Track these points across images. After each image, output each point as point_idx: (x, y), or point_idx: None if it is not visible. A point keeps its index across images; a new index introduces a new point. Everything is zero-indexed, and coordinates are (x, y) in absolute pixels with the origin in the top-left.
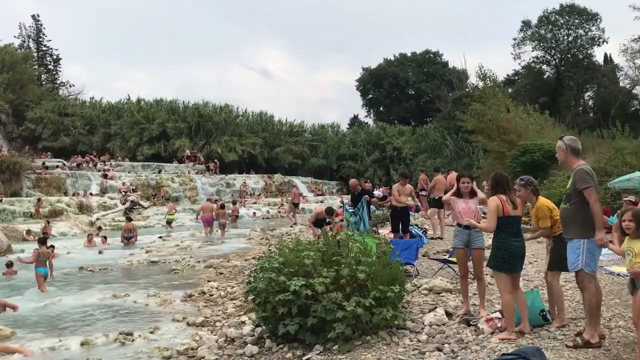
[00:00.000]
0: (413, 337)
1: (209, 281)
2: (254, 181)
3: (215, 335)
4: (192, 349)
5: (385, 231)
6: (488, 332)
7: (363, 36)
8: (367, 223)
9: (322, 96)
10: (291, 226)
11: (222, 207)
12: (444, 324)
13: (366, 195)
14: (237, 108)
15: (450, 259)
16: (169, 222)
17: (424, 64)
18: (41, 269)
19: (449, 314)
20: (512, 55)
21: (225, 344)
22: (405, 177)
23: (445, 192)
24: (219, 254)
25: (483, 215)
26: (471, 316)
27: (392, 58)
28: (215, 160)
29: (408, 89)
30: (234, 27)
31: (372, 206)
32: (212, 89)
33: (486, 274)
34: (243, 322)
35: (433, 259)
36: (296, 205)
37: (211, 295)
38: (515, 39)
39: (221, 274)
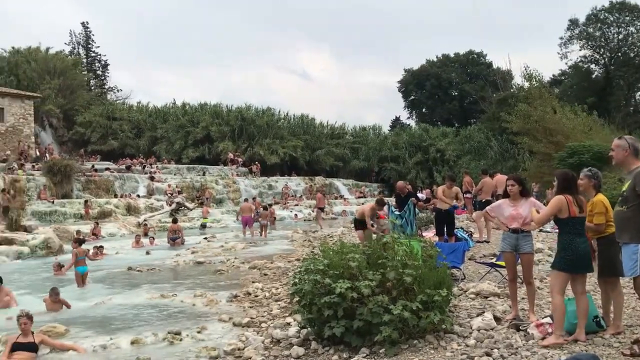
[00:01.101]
0: (461, 341)
1: (253, 282)
2: (296, 183)
3: (261, 336)
4: (238, 349)
5: (429, 234)
6: (539, 338)
7: (404, 37)
8: (414, 226)
9: (363, 98)
10: (315, 231)
11: (265, 208)
12: (492, 329)
13: (413, 198)
14: (279, 111)
15: (497, 262)
16: (203, 226)
17: (467, 64)
18: (80, 267)
19: (497, 319)
20: (559, 54)
21: (271, 345)
22: (452, 180)
23: (492, 195)
24: (263, 255)
25: None
26: (520, 321)
27: (435, 59)
28: (256, 162)
29: (451, 90)
30: (275, 31)
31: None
32: (253, 93)
33: (535, 278)
34: (288, 324)
35: (480, 263)
36: (321, 209)
37: (256, 296)
38: (561, 38)
39: (265, 275)
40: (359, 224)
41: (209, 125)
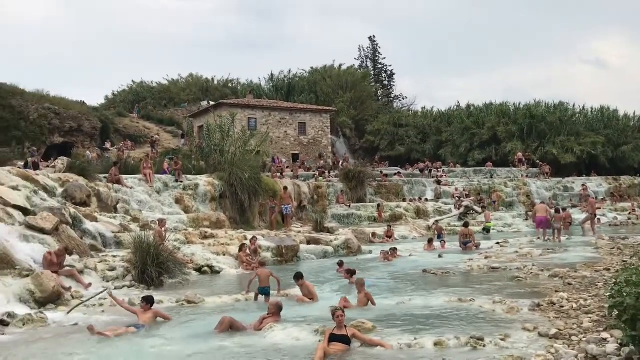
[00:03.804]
0: None
1: (556, 291)
2: (596, 184)
3: (573, 349)
4: None
5: None
6: None
7: None
8: None
9: None
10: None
11: (557, 211)
12: None
13: None
14: (573, 105)
15: None
16: (487, 230)
17: None
18: None
19: None
20: None
21: None
22: None
23: None
24: (564, 263)
25: None
26: None
27: None
28: (540, 161)
29: None
30: (561, 20)
31: None
32: (541, 88)
33: None
34: (604, 339)
35: None
36: (594, 215)
37: (562, 306)
38: None
39: (569, 284)
40: None
41: (495, 125)
